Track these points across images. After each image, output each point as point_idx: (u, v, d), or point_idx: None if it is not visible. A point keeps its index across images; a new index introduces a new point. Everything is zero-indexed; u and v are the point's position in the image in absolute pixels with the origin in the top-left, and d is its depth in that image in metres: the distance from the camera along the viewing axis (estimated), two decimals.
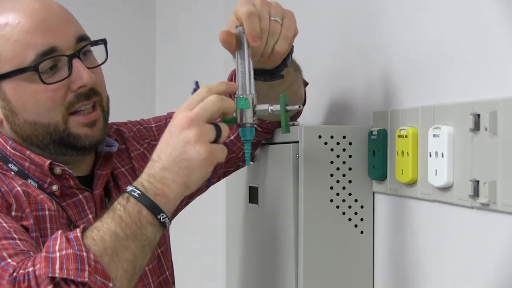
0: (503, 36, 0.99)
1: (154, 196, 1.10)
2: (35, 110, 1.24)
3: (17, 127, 1.26)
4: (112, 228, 1.08)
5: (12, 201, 1.20)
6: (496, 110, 0.98)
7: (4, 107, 1.26)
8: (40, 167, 1.26)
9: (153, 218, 1.10)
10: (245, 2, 1.18)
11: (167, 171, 1.11)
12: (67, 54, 1.24)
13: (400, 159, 1.22)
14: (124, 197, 1.11)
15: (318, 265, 1.33)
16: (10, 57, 1.22)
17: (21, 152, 1.26)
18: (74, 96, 1.25)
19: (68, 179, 1.28)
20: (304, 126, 1.33)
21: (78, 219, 1.28)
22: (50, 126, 1.25)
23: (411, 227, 1.24)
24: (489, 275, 1.02)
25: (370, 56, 1.35)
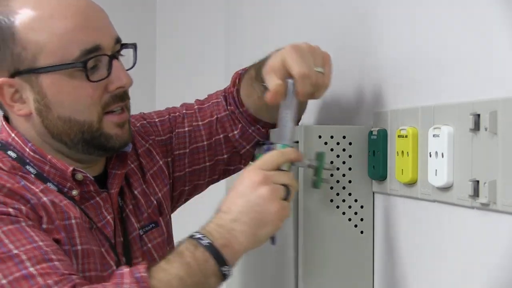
0: (503, 36, 0.99)
1: (222, 247, 1.13)
2: (73, 107, 1.23)
3: (50, 122, 1.24)
4: (180, 274, 1.10)
5: (42, 213, 1.18)
6: (496, 110, 0.98)
7: (39, 101, 1.23)
8: (61, 172, 1.25)
9: (218, 269, 1.13)
10: (297, 57, 1.22)
11: (237, 222, 1.15)
12: (108, 54, 1.23)
13: (400, 159, 1.22)
14: (191, 243, 1.13)
15: (318, 265, 1.33)
16: (53, 51, 1.20)
17: (42, 156, 1.25)
18: (110, 96, 1.25)
19: (89, 184, 1.27)
20: (304, 126, 1.33)
21: (97, 221, 1.27)
22: (85, 124, 1.24)
23: (411, 227, 1.24)
24: (489, 275, 1.02)
25: (370, 56, 1.35)
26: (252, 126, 1.45)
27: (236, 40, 2.26)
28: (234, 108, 1.46)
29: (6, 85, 1.22)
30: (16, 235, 1.12)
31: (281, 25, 1.85)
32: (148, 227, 1.37)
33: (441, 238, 1.14)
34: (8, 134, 1.26)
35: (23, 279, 1.08)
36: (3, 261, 1.09)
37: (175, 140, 1.46)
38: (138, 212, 1.36)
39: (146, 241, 1.36)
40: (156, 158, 1.43)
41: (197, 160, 1.47)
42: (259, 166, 1.19)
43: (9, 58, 1.21)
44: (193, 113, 1.47)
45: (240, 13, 2.23)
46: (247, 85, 1.43)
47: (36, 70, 1.21)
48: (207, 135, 1.46)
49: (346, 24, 1.46)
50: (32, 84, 1.22)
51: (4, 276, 1.08)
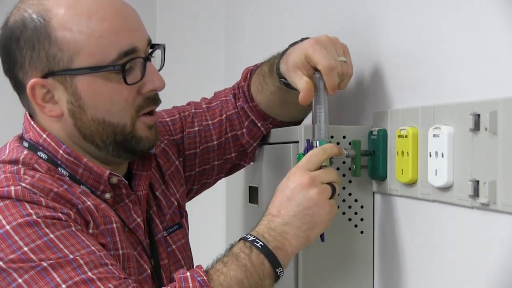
0: (503, 36, 0.99)
1: (275, 249, 1.15)
2: (107, 109, 1.21)
3: (83, 124, 1.22)
4: (239, 276, 1.13)
5: (89, 218, 1.18)
6: (496, 110, 0.98)
7: (72, 102, 1.21)
8: (96, 175, 1.23)
9: (272, 271, 1.15)
10: (320, 49, 1.23)
11: (288, 226, 1.17)
12: (143, 56, 1.23)
13: (400, 159, 1.22)
14: (246, 245, 1.15)
15: (318, 265, 1.33)
16: (91, 53, 1.19)
17: (77, 158, 1.23)
18: (143, 99, 1.24)
19: (122, 188, 1.26)
20: (304, 126, 1.33)
21: (128, 223, 1.27)
22: (118, 127, 1.22)
23: (411, 227, 1.24)
24: (489, 275, 1.02)
25: (370, 56, 1.35)
26: (262, 121, 1.46)
27: (236, 40, 2.26)
28: (243, 103, 1.46)
29: (39, 85, 1.20)
30: (69, 240, 1.11)
31: (281, 25, 1.84)
32: (172, 229, 1.37)
33: (441, 238, 1.14)
34: (39, 135, 1.24)
35: (83, 283, 1.08)
36: (62, 266, 1.08)
37: (186, 140, 1.45)
38: (160, 214, 1.36)
39: (171, 243, 1.36)
40: (172, 158, 1.42)
41: (207, 160, 1.47)
42: (303, 166, 1.20)
43: (44, 58, 1.19)
44: (202, 112, 1.47)
45: (240, 13, 2.23)
46: (259, 81, 1.44)
47: (72, 72, 1.19)
48: (217, 134, 1.46)
49: (346, 24, 1.46)
50: (66, 85, 1.20)
51: (64, 281, 1.07)
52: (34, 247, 1.09)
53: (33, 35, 1.19)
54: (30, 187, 1.14)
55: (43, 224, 1.11)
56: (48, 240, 1.10)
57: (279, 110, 1.43)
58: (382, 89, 1.31)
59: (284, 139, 1.41)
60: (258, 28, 2.05)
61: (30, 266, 1.08)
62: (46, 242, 1.09)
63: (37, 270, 1.08)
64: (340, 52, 1.26)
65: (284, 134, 1.42)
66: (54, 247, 1.09)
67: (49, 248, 1.09)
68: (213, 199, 2.18)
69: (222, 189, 1.87)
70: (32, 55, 1.19)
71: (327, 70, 1.22)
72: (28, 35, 1.19)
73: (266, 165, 1.51)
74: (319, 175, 1.20)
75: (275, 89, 1.39)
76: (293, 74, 1.26)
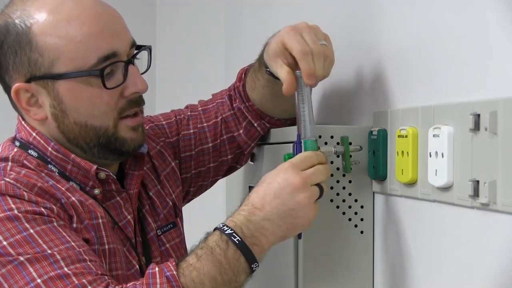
0: (503, 36, 0.99)
1: (252, 245, 1.14)
2: (89, 113, 1.23)
3: (66, 127, 1.24)
4: (212, 273, 1.11)
5: (72, 212, 1.19)
6: (496, 110, 0.98)
7: (55, 106, 1.23)
8: (84, 171, 1.25)
9: (248, 267, 1.14)
10: (294, 36, 1.22)
11: (269, 222, 1.16)
12: (124, 60, 1.23)
13: (400, 159, 1.22)
14: (222, 239, 1.14)
15: (318, 265, 1.33)
16: (71, 58, 1.20)
17: (65, 155, 1.24)
18: (126, 102, 1.25)
19: (111, 183, 1.28)
20: None
21: (118, 220, 1.28)
22: (101, 130, 1.24)
23: (411, 227, 1.24)
24: (489, 275, 1.02)
25: (370, 56, 1.35)
26: (258, 121, 1.46)
27: (236, 40, 2.26)
28: (240, 103, 1.46)
29: (23, 89, 1.22)
30: (49, 235, 1.12)
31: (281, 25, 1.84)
32: (166, 228, 1.37)
33: (441, 238, 1.14)
34: (29, 134, 1.26)
35: (58, 279, 1.08)
36: (38, 261, 1.09)
37: (181, 143, 1.46)
38: (154, 213, 1.36)
39: (164, 242, 1.36)
40: (168, 159, 1.43)
41: (202, 162, 1.47)
42: (297, 165, 1.19)
43: (26, 63, 1.21)
44: (198, 115, 1.48)
45: (240, 12, 2.23)
46: (251, 78, 1.44)
47: (52, 77, 1.21)
48: (212, 137, 1.46)
49: (346, 24, 1.46)
50: (48, 90, 1.22)
51: (39, 276, 1.09)
52: (13, 241, 1.10)
53: (15, 41, 1.21)
54: (14, 181, 1.16)
55: (23, 219, 1.12)
56: (28, 235, 1.11)
57: (272, 105, 1.43)
58: (382, 89, 1.31)
59: (284, 139, 1.41)
60: (258, 28, 2.05)
61: (7, 260, 1.10)
62: (26, 237, 1.11)
63: (14, 265, 1.09)
64: (320, 36, 1.24)
65: (284, 134, 1.42)
66: (32, 242, 1.11)
67: (28, 243, 1.10)
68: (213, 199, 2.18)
69: (222, 189, 1.87)
70: (15, 60, 1.21)
71: (300, 55, 1.21)
72: (11, 40, 1.21)
73: (266, 165, 1.51)
74: (310, 176, 1.18)
75: (265, 82, 1.39)
76: (273, 63, 1.26)
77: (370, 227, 1.34)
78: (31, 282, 1.08)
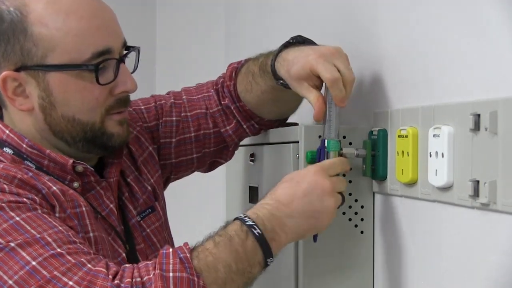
0: (503, 36, 0.99)
1: (270, 241, 1.15)
2: (78, 107, 1.23)
3: (53, 120, 1.23)
4: (228, 260, 1.11)
5: (54, 202, 1.18)
6: (496, 110, 0.98)
7: (43, 98, 1.22)
8: (61, 165, 1.24)
9: (263, 260, 1.15)
10: (323, 63, 1.24)
11: (292, 220, 1.17)
12: (117, 58, 1.24)
13: (400, 159, 1.22)
14: (242, 230, 1.14)
15: (318, 265, 1.33)
16: (66, 50, 1.20)
17: (40, 151, 1.24)
18: (114, 100, 1.25)
19: (89, 175, 1.27)
20: (304, 126, 1.33)
21: (101, 210, 1.27)
22: (88, 125, 1.24)
23: (411, 227, 1.24)
24: (489, 275, 1.02)
25: (370, 56, 1.35)
26: (247, 122, 1.46)
27: (236, 40, 2.26)
28: (229, 103, 1.46)
29: (10, 78, 1.21)
30: (36, 221, 1.11)
31: (281, 25, 1.84)
32: (145, 213, 1.37)
33: (441, 238, 1.14)
34: (2, 132, 1.26)
35: (53, 258, 1.08)
36: (30, 245, 1.09)
37: (161, 128, 1.46)
38: (133, 199, 1.36)
39: (145, 227, 1.36)
40: (145, 144, 1.43)
41: (184, 151, 1.47)
42: (327, 170, 1.21)
43: (18, 52, 1.20)
44: (182, 103, 1.47)
45: (240, 13, 2.23)
46: (247, 80, 1.43)
47: (45, 68, 1.20)
48: (195, 127, 1.46)
49: (346, 24, 1.46)
50: (38, 80, 1.21)
51: (34, 258, 1.08)
52: (1, 230, 1.09)
53: (8, 28, 1.20)
54: None
55: (7, 208, 1.12)
56: (14, 222, 1.10)
57: (269, 109, 1.44)
58: (382, 89, 1.31)
59: (284, 139, 1.41)
60: (258, 28, 2.05)
61: None
62: (12, 225, 1.10)
63: (5, 252, 1.08)
64: (346, 61, 1.27)
65: (284, 134, 1.42)
66: (20, 229, 1.10)
67: (16, 230, 1.10)
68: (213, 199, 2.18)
69: (222, 189, 1.87)
70: (6, 48, 1.20)
71: (330, 83, 1.23)
72: (4, 27, 1.20)
73: (266, 165, 1.51)
74: (337, 183, 1.21)
75: (268, 88, 1.39)
76: (297, 84, 1.28)
77: (370, 227, 1.34)
78: (26, 265, 1.07)
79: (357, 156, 1.29)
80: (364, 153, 1.29)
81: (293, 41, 1.34)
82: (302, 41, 1.34)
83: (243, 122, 1.46)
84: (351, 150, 1.28)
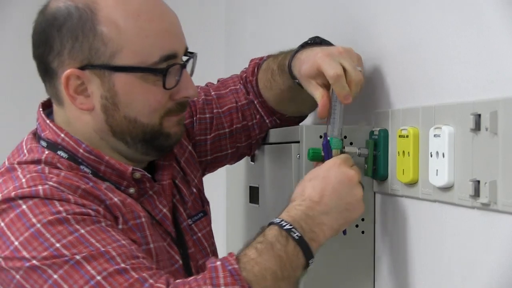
0: (503, 36, 0.99)
1: (310, 241, 1.15)
2: (140, 109, 1.21)
3: (114, 121, 1.21)
4: (273, 267, 1.11)
5: (117, 214, 1.18)
6: (496, 110, 0.98)
7: (107, 98, 1.20)
8: (119, 172, 1.22)
9: (305, 262, 1.15)
10: (329, 61, 1.24)
11: (328, 216, 1.17)
12: (181, 63, 1.23)
13: (401, 159, 1.22)
14: (282, 235, 1.13)
15: (318, 265, 1.32)
16: (134, 52, 1.18)
17: (98, 157, 1.21)
18: (174, 104, 1.24)
19: (145, 181, 1.25)
20: (305, 126, 1.34)
21: (155, 215, 1.26)
22: (148, 126, 1.22)
23: (412, 227, 1.24)
24: (490, 275, 1.02)
25: (370, 56, 1.35)
26: (270, 117, 1.47)
27: (236, 40, 2.26)
28: (253, 98, 1.46)
29: (74, 76, 1.19)
30: (100, 235, 1.11)
31: (281, 26, 1.85)
32: (197, 217, 1.36)
33: (442, 238, 1.14)
34: (56, 134, 1.22)
35: (118, 274, 1.07)
36: (95, 258, 1.08)
37: (196, 126, 1.45)
38: (182, 202, 1.35)
39: (196, 231, 1.35)
40: (184, 143, 1.41)
41: (219, 148, 1.47)
42: (346, 162, 1.21)
43: (86, 50, 1.18)
44: (212, 100, 1.47)
45: (240, 12, 2.23)
46: (266, 77, 1.44)
47: (112, 68, 1.18)
48: (228, 122, 1.46)
49: (346, 25, 1.46)
50: (104, 80, 1.19)
51: (99, 273, 1.07)
52: (66, 242, 1.09)
53: (77, 25, 1.17)
54: (57, 185, 1.14)
55: (73, 220, 1.11)
56: (80, 235, 1.10)
57: (288, 106, 1.45)
58: (382, 89, 1.31)
59: (284, 139, 1.41)
60: (258, 28, 2.05)
61: (63, 261, 1.08)
62: (78, 238, 1.09)
63: (70, 264, 1.08)
64: (355, 61, 1.27)
65: (284, 134, 1.42)
66: (85, 242, 1.09)
67: (81, 243, 1.09)
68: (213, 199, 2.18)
69: (222, 189, 1.87)
70: (74, 45, 1.18)
71: (332, 80, 1.23)
72: (73, 24, 1.17)
73: (266, 165, 1.51)
74: (358, 173, 1.21)
75: (286, 87, 1.39)
76: (306, 82, 1.28)
77: (371, 227, 1.34)
78: (91, 280, 1.07)
79: (359, 155, 1.29)
80: (366, 152, 1.29)
81: (310, 41, 1.34)
82: (319, 42, 1.35)
83: (266, 117, 1.46)
84: (353, 149, 1.28)
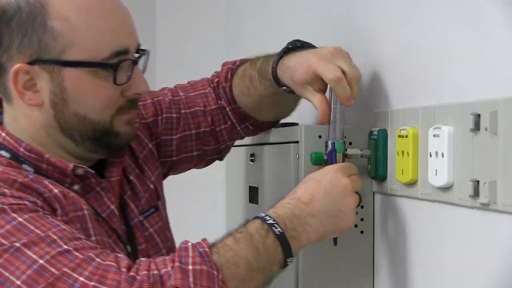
0: (503, 36, 0.99)
1: (291, 239, 1.14)
2: (90, 105, 1.20)
3: (63, 117, 1.20)
4: (248, 257, 1.10)
5: (56, 206, 1.17)
6: (496, 110, 0.98)
7: (56, 94, 1.19)
8: (60, 170, 1.21)
9: (283, 259, 1.14)
10: (326, 64, 1.24)
11: (315, 219, 1.16)
12: (132, 59, 1.23)
13: (400, 159, 1.22)
14: (263, 227, 1.13)
15: (318, 265, 1.33)
16: (85, 47, 1.17)
17: (38, 155, 1.21)
18: (125, 101, 1.23)
19: (89, 178, 1.25)
20: (305, 126, 1.33)
21: (101, 212, 1.25)
22: (99, 124, 1.21)
23: (411, 227, 1.24)
24: (490, 275, 1.02)
25: (370, 56, 1.35)
26: (242, 124, 1.46)
27: (236, 40, 2.26)
28: (225, 104, 1.45)
29: (23, 71, 1.18)
30: (39, 221, 1.10)
31: (281, 26, 1.85)
32: (148, 212, 1.35)
33: (442, 238, 1.14)
34: None
35: (61, 255, 1.06)
36: (35, 244, 1.07)
37: (162, 125, 1.44)
38: (135, 198, 1.34)
39: (148, 227, 1.34)
40: (145, 141, 1.41)
41: (184, 149, 1.46)
42: (345, 170, 1.20)
43: (35, 45, 1.17)
44: (180, 100, 1.46)
45: (240, 13, 2.23)
46: (244, 84, 1.43)
47: (62, 63, 1.18)
48: (195, 125, 1.45)
49: (346, 25, 1.46)
50: (53, 75, 1.18)
51: (41, 257, 1.06)
52: (4, 232, 1.08)
53: (27, 19, 1.17)
54: None
55: (9, 210, 1.10)
56: (18, 223, 1.08)
57: (267, 111, 1.44)
58: (382, 89, 1.31)
59: (284, 139, 1.41)
60: (258, 28, 2.05)
61: (2, 249, 1.06)
62: (15, 226, 1.08)
63: (10, 252, 1.06)
64: (347, 59, 1.26)
65: (284, 134, 1.42)
66: (24, 229, 1.08)
67: (19, 231, 1.08)
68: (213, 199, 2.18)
69: (222, 189, 1.87)
70: (23, 40, 1.17)
71: (333, 84, 1.23)
72: (22, 18, 1.17)
73: (266, 165, 1.51)
74: (356, 182, 1.21)
75: (268, 93, 1.38)
76: (302, 89, 1.28)
77: (370, 227, 1.34)
78: (33, 264, 1.05)
79: (361, 156, 1.29)
80: (368, 153, 1.29)
81: (291, 46, 1.33)
82: (300, 45, 1.34)
83: (238, 125, 1.46)
84: (356, 150, 1.28)
